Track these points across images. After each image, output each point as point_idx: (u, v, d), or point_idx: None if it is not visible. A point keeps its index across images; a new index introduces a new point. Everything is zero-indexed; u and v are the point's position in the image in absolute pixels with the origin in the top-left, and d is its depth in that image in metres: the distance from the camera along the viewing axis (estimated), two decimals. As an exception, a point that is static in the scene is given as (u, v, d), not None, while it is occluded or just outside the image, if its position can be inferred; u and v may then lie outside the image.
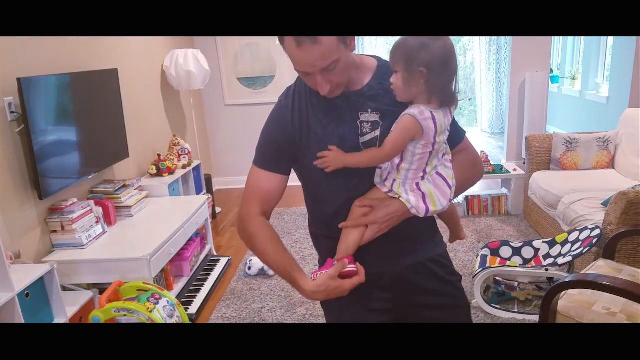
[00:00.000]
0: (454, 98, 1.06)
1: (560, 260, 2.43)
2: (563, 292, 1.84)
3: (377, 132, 1.11)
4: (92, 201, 2.69)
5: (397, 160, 1.09)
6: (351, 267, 1.12)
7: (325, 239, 1.25)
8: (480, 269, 2.54)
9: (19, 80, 2.23)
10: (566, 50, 7.07)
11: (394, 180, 1.10)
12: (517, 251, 2.72)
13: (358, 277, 1.11)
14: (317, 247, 1.32)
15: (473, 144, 1.27)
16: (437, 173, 1.11)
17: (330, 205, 1.17)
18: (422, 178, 1.10)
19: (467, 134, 1.25)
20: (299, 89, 1.16)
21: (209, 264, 3.30)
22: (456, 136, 1.20)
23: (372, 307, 1.21)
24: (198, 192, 4.12)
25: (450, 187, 1.11)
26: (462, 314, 1.30)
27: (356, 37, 1.10)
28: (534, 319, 2.46)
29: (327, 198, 1.17)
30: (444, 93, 1.04)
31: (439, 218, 1.31)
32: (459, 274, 1.30)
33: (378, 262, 1.17)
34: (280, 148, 1.16)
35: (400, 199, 1.09)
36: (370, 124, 1.11)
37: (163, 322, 2.14)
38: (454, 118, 1.16)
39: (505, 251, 2.73)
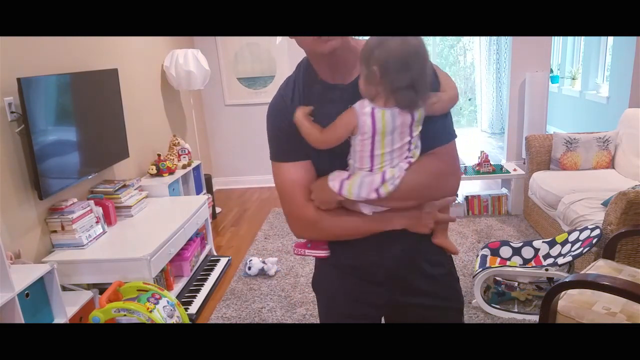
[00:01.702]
0: (411, 102, 0.98)
1: (560, 260, 2.43)
2: (563, 292, 1.84)
3: None
4: (92, 201, 2.69)
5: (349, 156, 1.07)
6: (322, 253, 1.16)
7: None
8: (480, 269, 2.54)
9: (19, 80, 2.23)
10: (566, 50, 7.07)
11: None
12: (517, 251, 2.72)
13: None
14: None
15: (469, 147, 1.20)
16: None
17: None
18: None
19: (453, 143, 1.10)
20: (296, 78, 1.14)
21: (209, 264, 3.30)
22: (432, 140, 1.07)
23: (361, 299, 1.21)
24: (198, 192, 4.12)
25: (383, 180, 1.03)
26: (454, 316, 1.26)
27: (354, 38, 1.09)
28: (534, 319, 2.46)
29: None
30: (399, 95, 0.98)
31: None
32: (455, 274, 1.26)
33: (362, 252, 1.15)
34: (289, 134, 1.11)
35: (328, 179, 1.07)
36: None
37: (163, 322, 2.14)
38: (444, 122, 1.08)
39: (505, 251, 2.73)
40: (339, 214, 1.11)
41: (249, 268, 3.16)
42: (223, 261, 3.36)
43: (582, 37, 6.37)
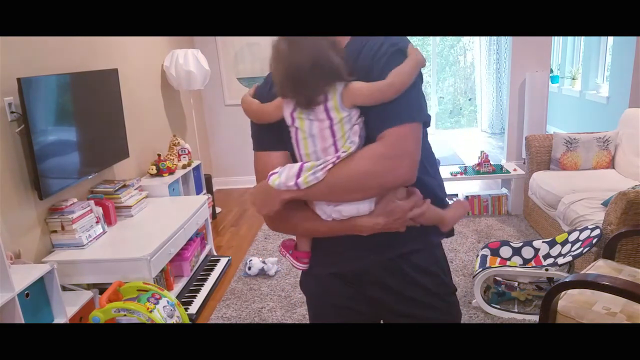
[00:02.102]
0: (293, 94, 0.99)
1: (560, 260, 2.43)
2: (563, 292, 1.84)
3: None
4: (92, 201, 2.69)
5: None
6: (299, 265, 1.17)
7: None
8: (480, 269, 2.54)
9: (19, 80, 2.23)
10: (566, 50, 7.07)
11: None
12: (517, 251, 2.72)
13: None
14: None
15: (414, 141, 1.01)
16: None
17: None
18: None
19: (403, 126, 0.97)
20: None
21: (209, 264, 3.30)
22: (379, 124, 0.98)
23: (350, 307, 1.19)
24: (198, 192, 4.12)
25: (300, 169, 1.00)
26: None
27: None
28: (534, 319, 2.46)
29: None
30: (281, 88, 1.00)
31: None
32: (452, 285, 1.21)
33: (343, 257, 1.13)
34: (266, 124, 1.09)
35: None
36: None
37: (163, 322, 2.14)
38: (393, 105, 0.98)
39: (505, 251, 2.73)
40: (308, 209, 1.08)
41: (249, 268, 3.16)
42: (223, 261, 3.36)
43: (582, 37, 6.37)
